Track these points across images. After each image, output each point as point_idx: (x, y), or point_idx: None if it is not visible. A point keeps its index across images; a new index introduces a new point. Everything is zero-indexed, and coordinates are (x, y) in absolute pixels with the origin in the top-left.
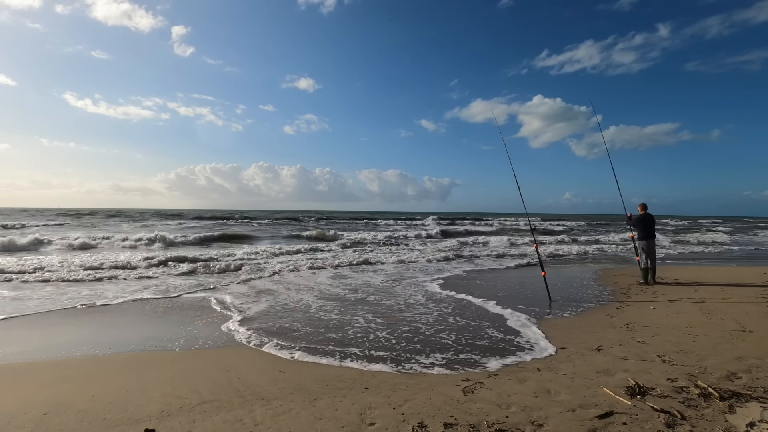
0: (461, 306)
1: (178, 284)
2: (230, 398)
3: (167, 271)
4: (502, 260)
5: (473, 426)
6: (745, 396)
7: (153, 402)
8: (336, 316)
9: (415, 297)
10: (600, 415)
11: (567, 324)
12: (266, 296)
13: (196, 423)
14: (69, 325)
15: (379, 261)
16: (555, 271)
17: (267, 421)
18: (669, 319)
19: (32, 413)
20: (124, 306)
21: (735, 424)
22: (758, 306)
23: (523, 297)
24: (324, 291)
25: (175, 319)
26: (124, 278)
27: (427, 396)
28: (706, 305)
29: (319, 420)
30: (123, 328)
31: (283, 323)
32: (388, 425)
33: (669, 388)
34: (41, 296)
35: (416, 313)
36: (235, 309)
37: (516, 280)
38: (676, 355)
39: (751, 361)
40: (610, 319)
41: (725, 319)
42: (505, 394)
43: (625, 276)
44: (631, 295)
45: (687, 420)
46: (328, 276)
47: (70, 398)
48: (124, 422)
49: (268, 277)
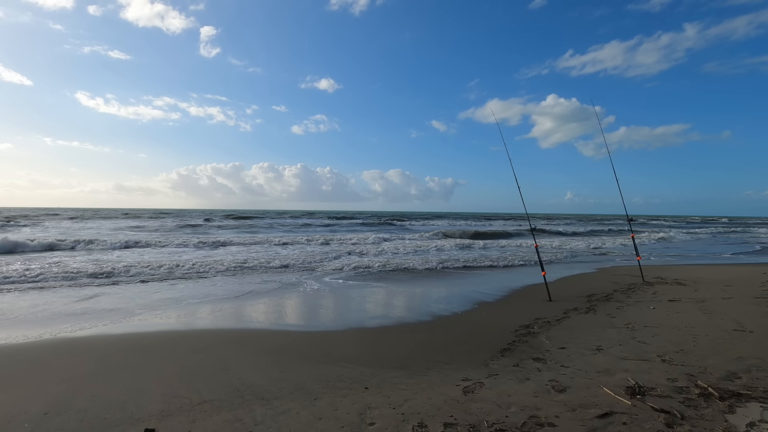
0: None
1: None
2: (230, 398)
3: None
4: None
5: (473, 426)
6: (745, 396)
7: (153, 401)
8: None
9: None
10: (600, 415)
11: (566, 324)
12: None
13: (196, 422)
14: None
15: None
16: (554, 270)
17: (267, 420)
18: (669, 318)
19: (32, 412)
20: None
21: (735, 424)
22: (758, 306)
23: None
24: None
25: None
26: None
27: (427, 396)
28: (706, 305)
29: (319, 420)
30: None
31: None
32: (388, 425)
33: (669, 388)
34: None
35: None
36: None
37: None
38: (676, 355)
39: (751, 361)
40: (610, 318)
41: (725, 319)
42: (505, 394)
43: (625, 275)
44: (631, 295)
45: (687, 420)
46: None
47: (70, 397)
48: (124, 422)
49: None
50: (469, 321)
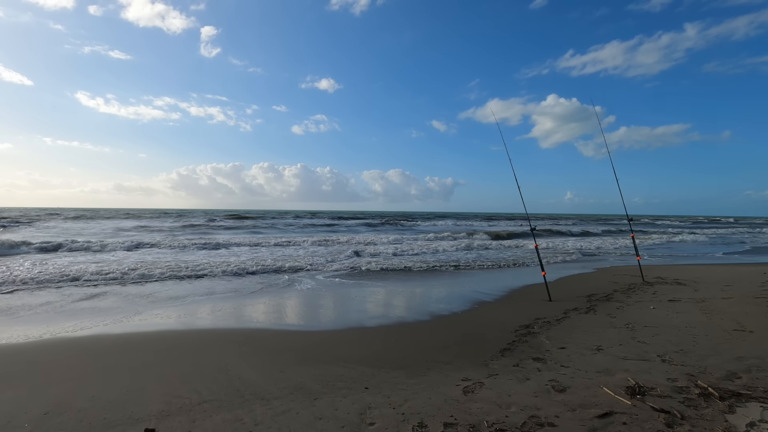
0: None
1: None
2: (230, 398)
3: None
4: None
5: (473, 426)
6: (745, 396)
7: (153, 401)
8: None
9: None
10: (600, 415)
11: (566, 324)
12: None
13: (196, 423)
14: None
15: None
16: (555, 270)
17: (267, 420)
18: (669, 318)
19: (32, 412)
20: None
21: (735, 423)
22: (758, 306)
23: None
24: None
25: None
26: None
27: (427, 396)
28: (706, 305)
29: (319, 420)
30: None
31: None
32: (388, 425)
33: (669, 388)
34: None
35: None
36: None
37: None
38: (676, 355)
39: (751, 361)
40: (610, 318)
41: (725, 319)
42: (505, 394)
43: (625, 275)
44: (631, 295)
45: (687, 420)
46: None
47: (70, 397)
48: (124, 422)
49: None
50: (469, 321)
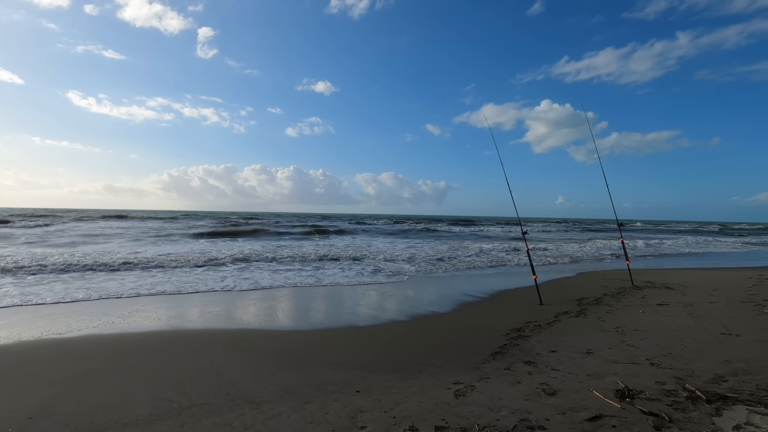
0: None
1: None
2: (220, 401)
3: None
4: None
5: (464, 429)
6: (732, 399)
7: (141, 405)
8: None
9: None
10: (590, 418)
11: (557, 327)
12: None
13: (185, 427)
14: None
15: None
16: (545, 273)
17: (257, 424)
18: (658, 322)
19: (16, 417)
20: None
21: (722, 426)
22: (744, 310)
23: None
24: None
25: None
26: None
27: (419, 399)
28: (693, 309)
29: (310, 423)
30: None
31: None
32: (379, 428)
33: (657, 391)
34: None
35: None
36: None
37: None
38: (665, 359)
39: (738, 364)
40: (600, 322)
41: (712, 323)
42: (496, 398)
43: (614, 279)
44: (620, 299)
45: (675, 422)
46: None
47: (56, 401)
48: (112, 426)
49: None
50: (460, 323)
